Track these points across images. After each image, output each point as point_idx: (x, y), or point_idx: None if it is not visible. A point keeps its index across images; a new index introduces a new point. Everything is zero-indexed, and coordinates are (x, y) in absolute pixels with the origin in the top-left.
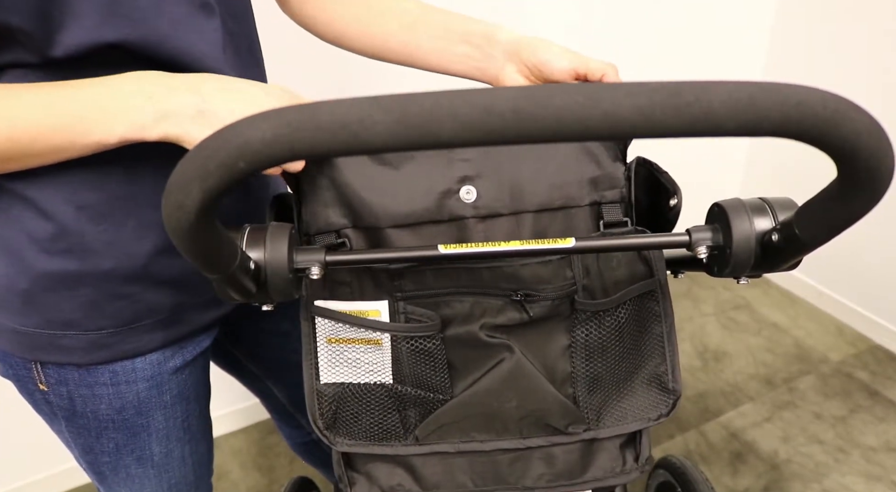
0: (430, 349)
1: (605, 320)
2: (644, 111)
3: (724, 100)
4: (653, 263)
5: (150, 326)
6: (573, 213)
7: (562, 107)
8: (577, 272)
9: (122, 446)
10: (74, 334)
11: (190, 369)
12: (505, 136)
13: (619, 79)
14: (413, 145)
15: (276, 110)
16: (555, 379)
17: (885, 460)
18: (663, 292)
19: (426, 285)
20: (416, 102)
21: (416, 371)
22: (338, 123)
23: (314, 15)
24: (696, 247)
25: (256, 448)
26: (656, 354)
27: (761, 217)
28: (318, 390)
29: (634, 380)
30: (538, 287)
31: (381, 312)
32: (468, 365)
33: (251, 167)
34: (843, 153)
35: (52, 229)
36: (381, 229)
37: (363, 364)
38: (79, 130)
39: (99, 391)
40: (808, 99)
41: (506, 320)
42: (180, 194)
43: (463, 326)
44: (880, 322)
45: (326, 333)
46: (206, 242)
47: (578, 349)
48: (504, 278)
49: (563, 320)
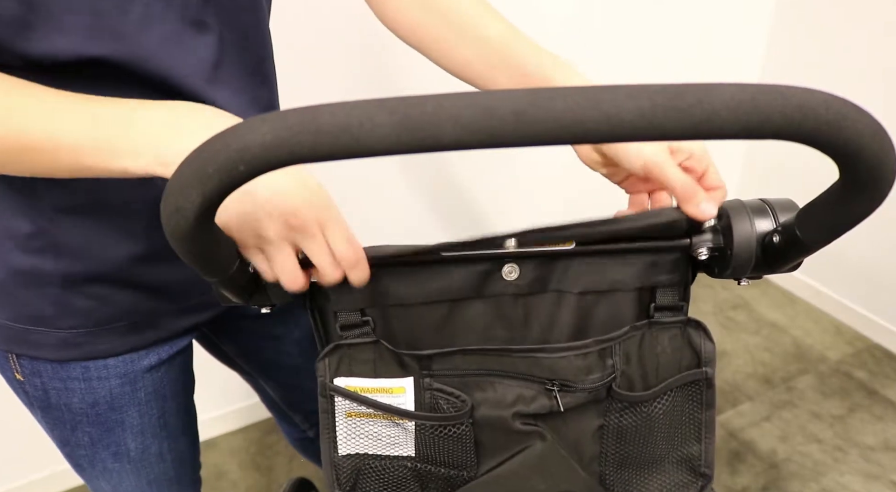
0: (458, 434)
1: (640, 408)
2: (646, 114)
3: (727, 102)
4: (701, 354)
5: (122, 328)
6: (619, 297)
7: (563, 109)
8: (617, 360)
9: (96, 441)
10: (45, 331)
11: (166, 368)
12: (507, 138)
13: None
14: (415, 148)
15: (277, 113)
16: (583, 458)
17: (884, 459)
18: (709, 383)
19: (455, 366)
20: (418, 105)
21: (440, 449)
22: (339, 127)
23: (395, 18)
24: (696, 248)
25: (255, 448)
26: (692, 438)
27: (762, 218)
28: (336, 462)
29: (665, 461)
30: (576, 379)
31: (405, 389)
32: (496, 446)
33: (251, 171)
34: (846, 155)
35: (29, 228)
36: (412, 306)
37: (384, 437)
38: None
39: (71, 385)
40: (810, 101)
41: (539, 409)
42: (179, 198)
43: (494, 411)
44: (879, 321)
45: (346, 408)
46: (204, 246)
47: (610, 433)
48: (539, 368)
49: (597, 405)
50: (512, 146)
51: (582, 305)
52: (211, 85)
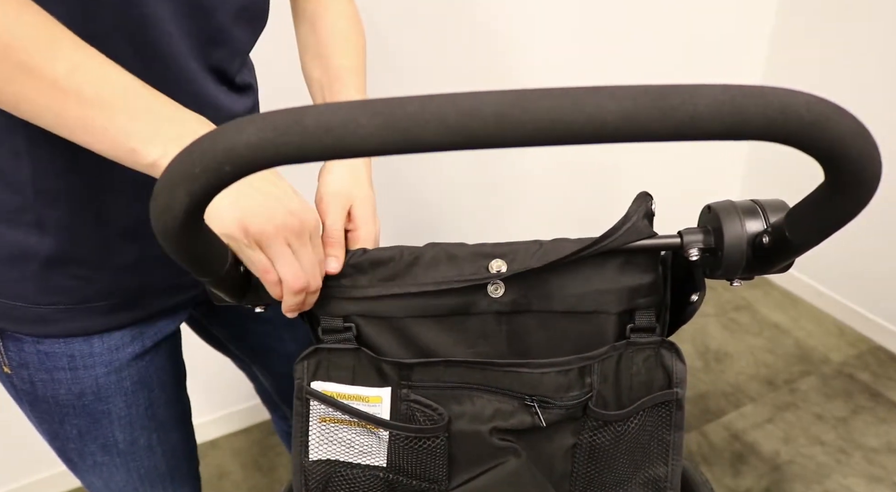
0: (432, 447)
1: (614, 427)
2: (628, 115)
3: (709, 103)
4: (673, 375)
5: (105, 307)
6: (602, 319)
7: (546, 110)
8: (595, 379)
9: (85, 433)
10: (24, 307)
11: (151, 356)
12: (489, 140)
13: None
14: (398, 149)
15: (262, 115)
16: (553, 475)
17: (887, 461)
18: (679, 405)
19: (435, 377)
20: (401, 106)
21: (413, 461)
22: (323, 128)
23: (295, 27)
24: (687, 249)
25: (258, 448)
26: (659, 460)
27: (752, 219)
28: (306, 467)
29: (632, 481)
30: (555, 395)
31: (382, 399)
32: (470, 460)
33: (237, 171)
34: (829, 157)
35: (17, 202)
36: (400, 319)
37: (357, 445)
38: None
39: (58, 376)
40: (792, 103)
41: (517, 424)
42: (167, 197)
43: (471, 425)
44: (881, 323)
45: (320, 413)
46: (195, 245)
47: (583, 451)
48: (519, 383)
49: (572, 423)
50: (495, 147)
51: (564, 325)
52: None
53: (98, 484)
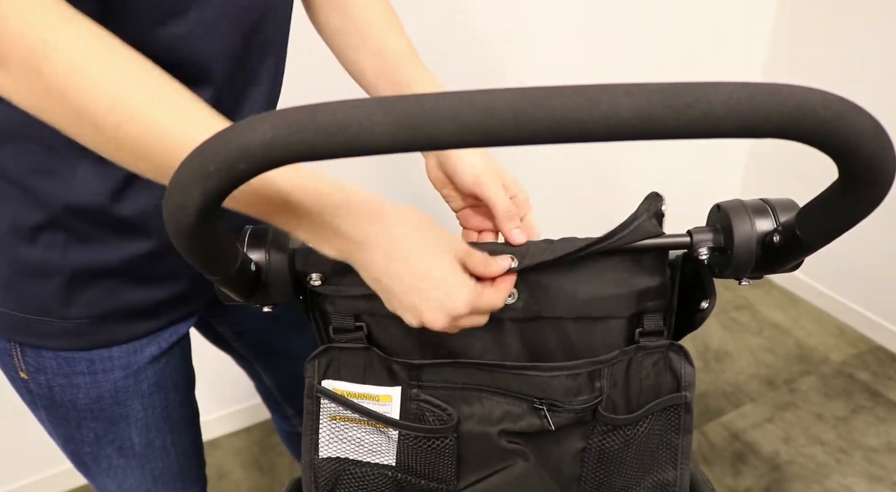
0: (441, 447)
1: (623, 431)
2: (643, 112)
3: (725, 101)
4: (681, 378)
5: (127, 318)
6: (612, 324)
7: (561, 108)
8: (605, 383)
9: (101, 436)
10: (49, 321)
11: (167, 358)
12: (504, 137)
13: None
14: (414, 147)
15: (276, 112)
16: (561, 479)
17: (887, 460)
18: (688, 408)
19: (445, 378)
20: (416, 104)
21: (422, 461)
22: (338, 125)
23: (319, 22)
24: (697, 248)
25: (258, 448)
26: (668, 464)
27: (762, 218)
28: (316, 464)
29: (641, 486)
30: (565, 399)
31: (392, 398)
32: (478, 462)
33: (252, 169)
34: (845, 154)
35: (39, 220)
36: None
37: (367, 444)
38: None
39: (76, 380)
40: (809, 100)
41: (525, 427)
42: (181, 196)
43: (480, 426)
44: (881, 323)
45: (331, 411)
46: (206, 244)
47: (592, 455)
48: (529, 385)
49: (581, 427)
50: (510, 144)
51: (576, 331)
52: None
53: (111, 486)
